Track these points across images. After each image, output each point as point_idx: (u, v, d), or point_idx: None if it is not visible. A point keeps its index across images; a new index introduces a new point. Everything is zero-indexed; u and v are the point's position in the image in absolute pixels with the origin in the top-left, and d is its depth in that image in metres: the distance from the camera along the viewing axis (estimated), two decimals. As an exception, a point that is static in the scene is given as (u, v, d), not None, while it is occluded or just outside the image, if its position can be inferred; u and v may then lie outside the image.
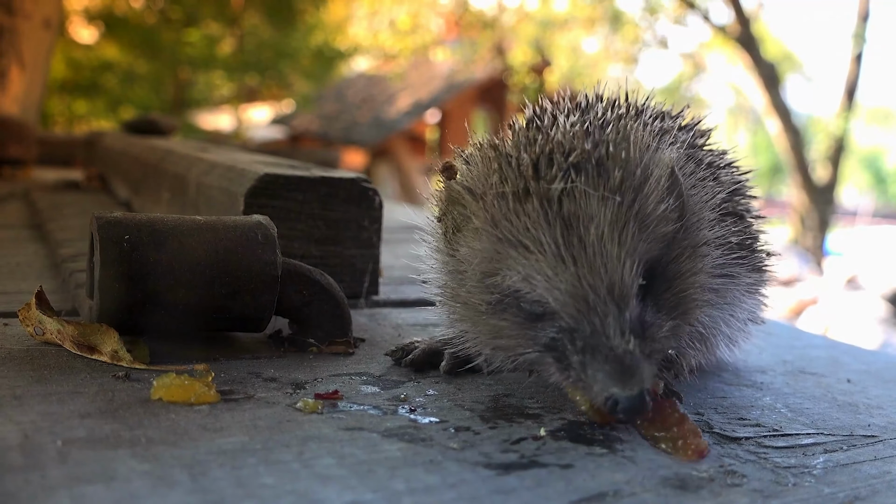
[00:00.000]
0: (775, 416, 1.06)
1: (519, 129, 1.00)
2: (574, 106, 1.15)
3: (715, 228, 1.02)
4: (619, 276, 0.86)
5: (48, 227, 1.96)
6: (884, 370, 1.39)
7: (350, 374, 1.08)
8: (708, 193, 1.02)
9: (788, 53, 20.11)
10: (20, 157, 3.51)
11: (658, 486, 0.79)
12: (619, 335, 0.84)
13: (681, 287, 0.93)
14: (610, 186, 0.88)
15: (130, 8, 12.52)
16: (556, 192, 0.87)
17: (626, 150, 0.90)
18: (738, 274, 1.08)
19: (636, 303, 0.87)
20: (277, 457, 0.77)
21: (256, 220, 1.15)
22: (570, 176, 0.87)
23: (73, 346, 1.04)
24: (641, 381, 0.82)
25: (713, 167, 1.12)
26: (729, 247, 1.04)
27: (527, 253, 0.88)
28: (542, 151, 0.91)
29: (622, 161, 0.89)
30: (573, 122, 0.99)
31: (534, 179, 0.88)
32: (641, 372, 0.83)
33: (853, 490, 0.83)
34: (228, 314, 1.10)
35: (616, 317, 0.85)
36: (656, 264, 0.91)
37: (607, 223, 0.86)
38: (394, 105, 16.54)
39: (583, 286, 0.86)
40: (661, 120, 1.14)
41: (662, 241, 0.91)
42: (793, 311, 9.44)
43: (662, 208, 0.91)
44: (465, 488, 0.74)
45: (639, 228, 0.88)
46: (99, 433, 0.79)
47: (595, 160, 0.89)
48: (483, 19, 16.72)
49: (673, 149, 0.98)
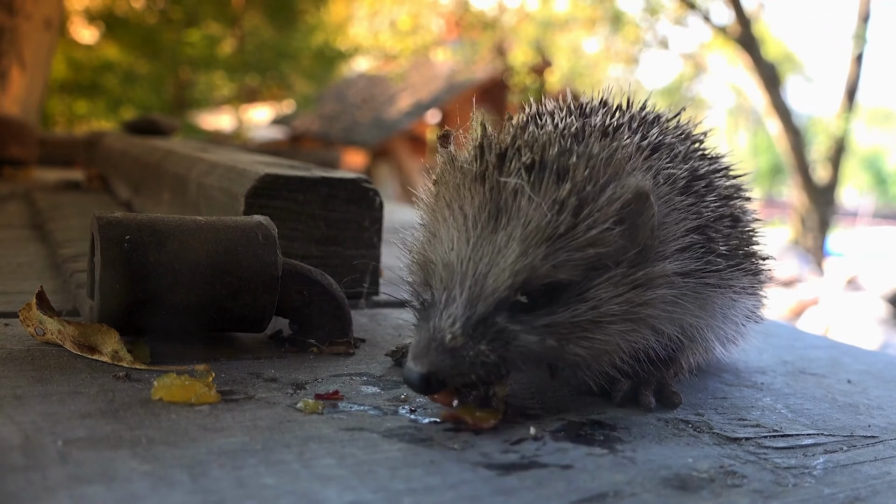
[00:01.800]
0: (775, 416, 1.06)
1: (513, 124, 1.02)
2: (576, 108, 1.15)
3: (686, 256, 0.98)
4: (492, 279, 0.88)
5: (49, 228, 1.96)
6: (884, 371, 1.39)
7: (350, 374, 1.08)
8: (682, 220, 0.99)
9: (789, 54, 20.12)
10: (21, 157, 3.51)
11: (658, 487, 0.79)
12: (449, 321, 0.87)
13: (587, 316, 0.91)
14: (550, 197, 0.88)
15: (131, 8, 12.53)
16: (501, 184, 0.90)
17: (584, 166, 0.90)
18: (730, 278, 1.06)
19: (500, 310, 0.88)
20: (278, 457, 0.77)
21: (257, 221, 1.15)
22: (521, 175, 0.90)
23: (73, 347, 1.04)
24: (428, 365, 0.85)
25: (707, 175, 1.10)
26: (718, 253, 1.04)
27: (448, 220, 0.93)
28: (511, 146, 0.93)
29: (575, 177, 0.89)
30: (559, 127, 1.00)
31: (493, 168, 0.91)
32: (437, 360, 0.85)
33: (853, 491, 0.83)
34: (229, 314, 1.11)
35: (461, 306, 0.87)
36: (563, 288, 0.90)
37: (522, 230, 0.88)
38: (394, 105, 16.54)
39: (460, 267, 0.89)
40: (662, 133, 1.11)
41: (583, 265, 0.90)
42: (793, 312, 9.44)
43: (597, 233, 0.89)
44: (465, 489, 0.74)
45: (552, 250, 0.88)
46: (99, 433, 0.79)
47: (550, 167, 0.90)
48: (484, 20, 16.71)
49: (645, 176, 0.94)
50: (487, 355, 0.87)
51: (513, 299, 0.88)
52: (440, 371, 0.85)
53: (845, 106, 14.76)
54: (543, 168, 0.90)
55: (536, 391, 1.06)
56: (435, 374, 0.85)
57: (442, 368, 0.85)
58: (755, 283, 1.16)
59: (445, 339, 0.86)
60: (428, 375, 0.85)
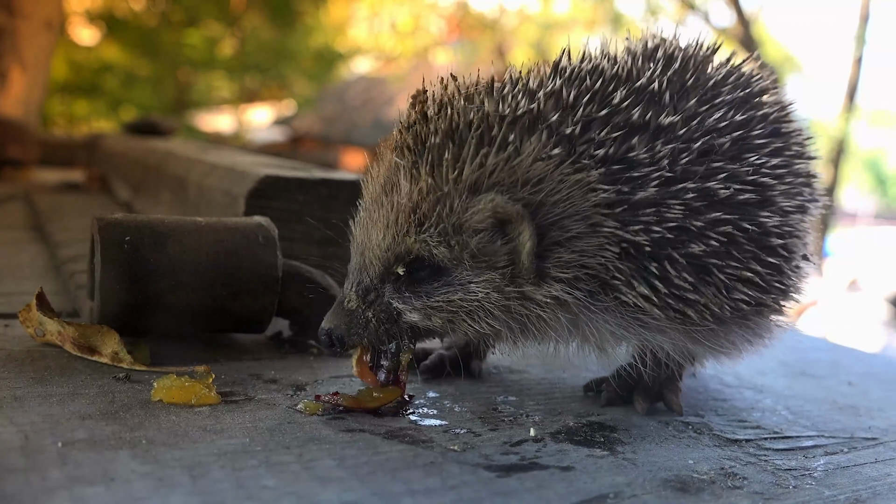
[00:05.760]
0: (776, 418, 1.06)
1: (451, 93, 0.94)
2: (572, 74, 0.94)
3: (588, 291, 0.87)
4: (369, 252, 0.93)
5: (49, 229, 1.95)
6: (885, 373, 1.39)
7: (350, 375, 1.08)
8: (600, 250, 0.86)
9: (789, 55, 20.11)
10: (21, 158, 3.51)
11: (659, 489, 0.78)
12: (348, 286, 0.96)
13: (463, 305, 0.89)
14: (420, 182, 0.87)
15: (131, 9, 12.53)
16: (401, 151, 0.91)
17: (455, 166, 0.85)
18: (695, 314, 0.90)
19: (384, 282, 0.92)
20: (278, 458, 0.77)
21: (257, 222, 1.15)
22: (405, 153, 0.90)
23: (73, 348, 1.04)
24: (328, 322, 0.94)
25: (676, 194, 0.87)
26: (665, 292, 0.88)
27: (366, 189, 0.97)
28: (422, 119, 0.91)
29: (442, 172, 0.86)
30: (510, 94, 0.90)
31: (400, 141, 0.92)
32: (336, 319, 0.93)
33: (854, 492, 0.83)
34: (229, 315, 1.10)
35: (355, 272, 0.95)
36: (443, 271, 0.89)
37: (393, 208, 0.90)
38: (395, 107, 16.51)
39: (358, 236, 0.96)
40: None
41: (454, 253, 0.87)
42: (793, 314, 9.43)
43: (456, 229, 0.86)
44: (465, 490, 0.74)
45: (414, 228, 0.88)
46: (99, 434, 0.79)
47: (433, 152, 0.87)
48: (484, 21, 16.73)
49: (501, 198, 0.84)
50: (375, 324, 0.93)
51: (391, 271, 0.91)
52: (336, 328, 0.93)
53: (846, 107, 14.77)
54: (425, 151, 0.88)
55: (537, 392, 1.06)
56: (333, 331, 0.93)
57: (339, 326, 0.93)
58: (740, 315, 0.94)
59: (344, 301, 0.94)
60: (329, 331, 0.94)
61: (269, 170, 1.41)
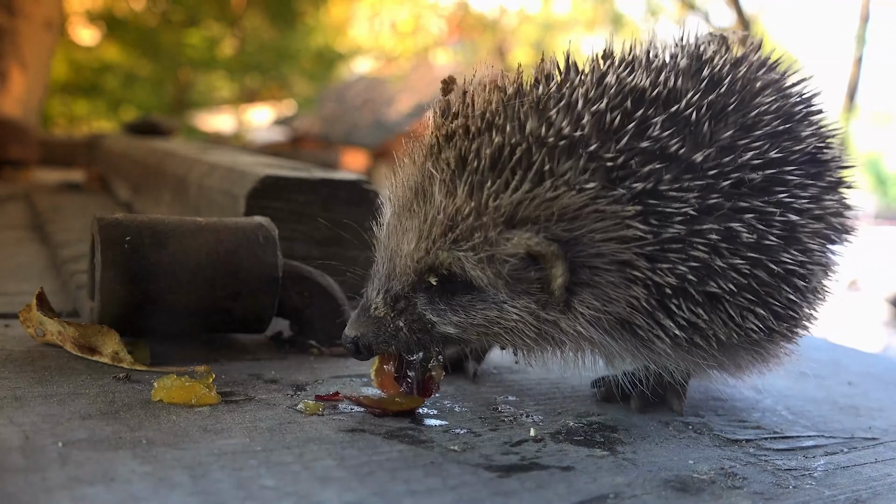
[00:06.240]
0: (776, 418, 1.06)
1: (491, 89, 0.91)
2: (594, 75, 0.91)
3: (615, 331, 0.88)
4: (399, 260, 0.90)
5: (49, 229, 1.96)
6: (885, 373, 1.39)
7: (351, 375, 1.08)
8: (627, 295, 0.85)
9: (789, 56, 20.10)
10: (21, 158, 3.51)
11: (659, 489, 0.79)
12: (373, 292, 0.92)
13: (497, 326, 0.89)
14: (455, 203, 0.84)
15: (131, 9, 12.54)
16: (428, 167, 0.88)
17: (489, 201, 0.83)
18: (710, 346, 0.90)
19: (416, 291, 0.90)
20: (278, 458, 0.77)
21: (257, 222, 1.15)
22: (446, 166, 0.86)
23: (73, 348, 1.04)
24: (355, 330, 0.91)
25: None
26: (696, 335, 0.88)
27: (393, 190, 0.93)
28: (463, 125, 0.88)
29: (482, 199, 0.83)
30: (553, 109, 0.85)
31: (436, 145, 0.88)
32: (363, 326, 0.91)
33: (854, 492, 0.83)
34: (229, 315, 1.11)
35: (382, 279, 0.92)
36: (478, 287, 0.87)
37: (425, 220, 0.87)
38: (395, 107, 16.56)
39: (385, 241, 0.92)
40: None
41: (489, 277, 0.85)
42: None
43: (489, 258, 0.84)
44: (465, 490, 0.74)
45: (447, 245, 0.85)
46: (100, 434, 0.79)
47: (475, 169, 0.84)
48: (484, 21, 16.74)
49: (536, 236, 0.82)
50: (405, 333, 0.91)
51: (424, 281, 0.89)
52: (364, 336, 0.91)
53: (846, 107, 14.77)
54: (465, 172, 0.84)
55: (537, 392, 1.06)
56: (361, 339, 0.91)
57: (366, 334, 0.91)
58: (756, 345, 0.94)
59: (371, 308, 0.92)
60: (355, 339, 0.91)
61: (270, 170, 1.41)
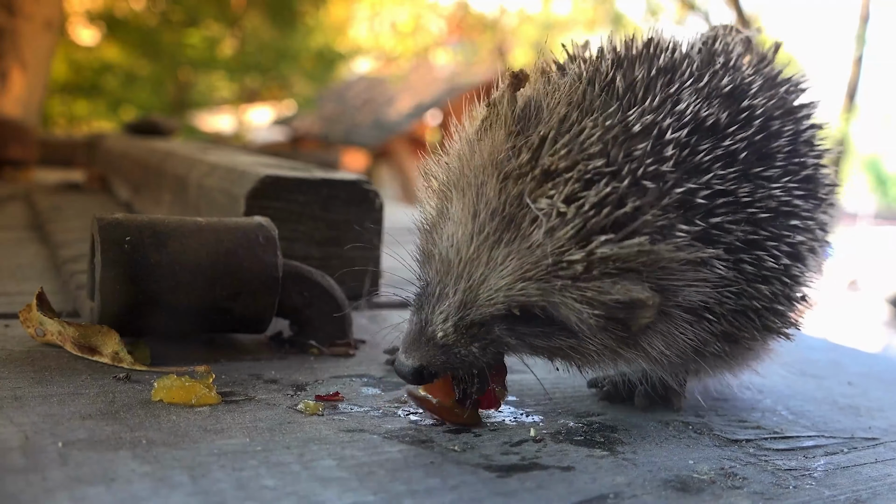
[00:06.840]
0: (776, 418, 1.06)
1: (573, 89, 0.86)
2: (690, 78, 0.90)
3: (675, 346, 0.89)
4: (486, 293, 0.83)
5: (49, 229, 1.95)
6: (885, 373, 1.39)
7: (351, 375, 1.08)
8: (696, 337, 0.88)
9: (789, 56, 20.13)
10: (21, 158, 3.51)
11: (659, 489, 0.79)
12: (441, 317, 0.84)
13: (575, 353, 0.88)
14: (559, 247, 0.79)
15: (131, 9, 12.53)
16: (523, 197, 0.80)
17: (613, 257, 0.79)
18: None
19: (495, 321, 0.84)
20: (278, 458, 0.77)
21: (257, 222, 1.15)
22: (552, 205, 0.79)
23: (73, 348, 1.04)
24: (420, 359, 0.84)
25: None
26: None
27: (458, 207, 0.85)
28: (552, 146, 0.81)
29: (593, 254, 0.79)
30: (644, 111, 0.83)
31: (525, 166, 0.81)
32: (429, 354, 0.84)
33: (854, 492, 0.83)
34: (229, 315, 1.11)
35: (454, 305, 0.84)
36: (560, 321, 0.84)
37: (524, 258, 0.81)
38: (395, 107, 16.56)
39: (457, 265, 0.84)
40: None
41: (576, 316, 0.83)
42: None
43: (587, 307, 0.81)
44: (465, 490, 0.74)
45: (546, 289, 0.81)
46: (100, 434, 0.79)
47: (586, 217, 0.79)
48: (484, 21, 16.74)
49: (639, 287, 0.81)
50: (478, 357, 0.86)
51: (510, 312, 0.84)
52: (431, 365, 0.85)
53: (846, 108, 14.77)
54: (577, 216, 0.79)
55: (537, 392, 1.06)
56: (427, 368, 0.85)
57: (433, 363, 0.85)
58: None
59: (437, 336, 0.84)
60: (420, 369, 0.85)
61: (270, 170, 1.41)
